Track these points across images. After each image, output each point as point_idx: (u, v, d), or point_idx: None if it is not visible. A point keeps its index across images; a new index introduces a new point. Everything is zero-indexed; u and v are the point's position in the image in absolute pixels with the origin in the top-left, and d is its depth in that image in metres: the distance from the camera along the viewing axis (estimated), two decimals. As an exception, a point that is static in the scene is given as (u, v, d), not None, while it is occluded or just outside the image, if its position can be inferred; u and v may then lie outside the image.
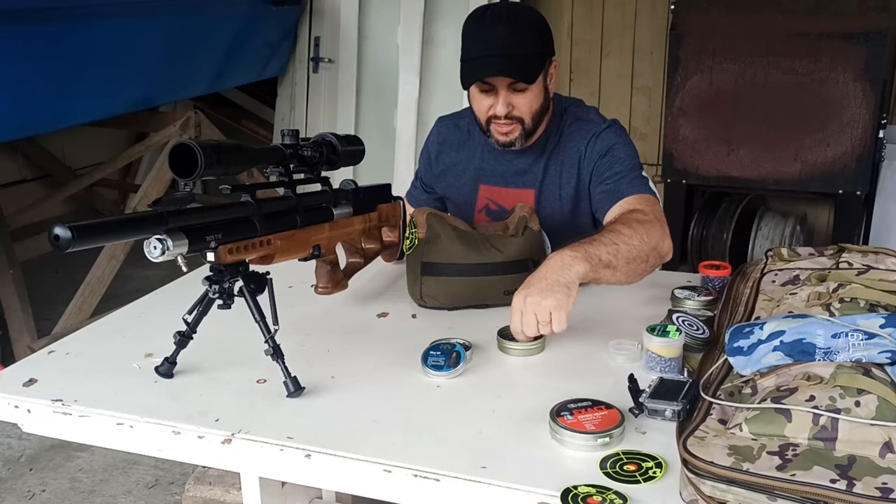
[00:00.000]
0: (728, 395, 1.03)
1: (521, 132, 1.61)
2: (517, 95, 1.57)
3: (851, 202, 3.16)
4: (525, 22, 1.56)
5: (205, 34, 3.66)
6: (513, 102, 1.58)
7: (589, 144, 1.66)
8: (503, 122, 1.59)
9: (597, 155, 1.65)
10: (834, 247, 1.38)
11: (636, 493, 0.90)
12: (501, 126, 1.60)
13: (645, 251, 1.38)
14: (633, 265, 1.36)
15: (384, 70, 4.19)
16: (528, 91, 1.58)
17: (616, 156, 1.63)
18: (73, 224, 0.91)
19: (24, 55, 2.75)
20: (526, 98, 1.58)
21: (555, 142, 1.70)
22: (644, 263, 1.39)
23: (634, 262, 1.37)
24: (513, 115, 1.59)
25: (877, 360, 0.98)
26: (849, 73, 3.03)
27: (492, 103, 1.59)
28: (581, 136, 1.67)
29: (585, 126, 1.68)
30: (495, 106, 1.58)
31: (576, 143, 1.68)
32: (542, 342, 1.30)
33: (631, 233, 1.38)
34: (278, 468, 1.05)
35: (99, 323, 1.51)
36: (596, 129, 1.67)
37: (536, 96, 1.59)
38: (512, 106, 1.58)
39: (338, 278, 1.43)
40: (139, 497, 2.45)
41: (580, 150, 1.67)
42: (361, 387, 1.19)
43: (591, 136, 1.66)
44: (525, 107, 1.59)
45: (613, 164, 1.62)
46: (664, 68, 3.57)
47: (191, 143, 1.03)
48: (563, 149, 1.69)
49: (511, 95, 1.57)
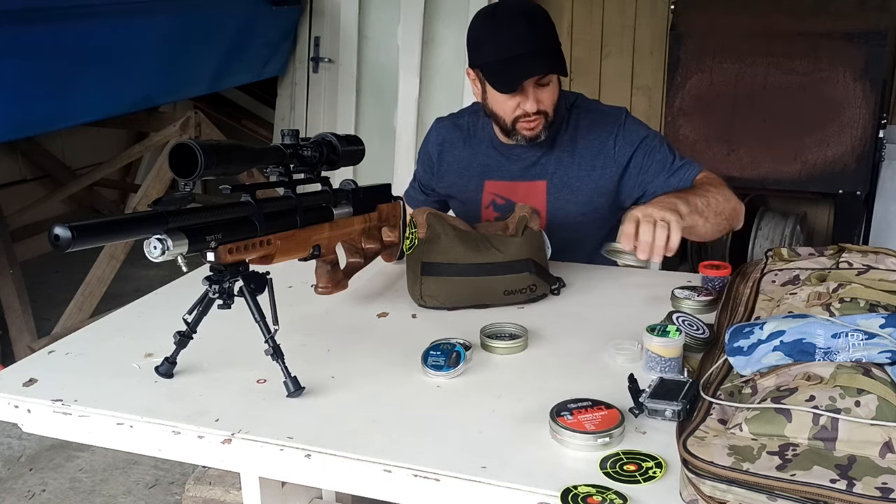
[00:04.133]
0: (728, 395, 1.03)
1: (545, 124, 1.64)
2: (542, 90, 1.60)
3: (851, 202, 3.16)
4: (538, 16, 1.59)
5: (205, 34, 3.67)
6: (539, 97, 1.60)
7: (617, 137, 1.69)
8: (531, 119, 1.61)
9: (630, 147, 1.68)
10: (834, 247, 1.38)
11: (636, 493, 0.90)
12: (529, 122, 1.62)
13: (728, 210, 1.54)
14: (718, 219, 1.52)
15: (384, 70, 4.19)
16: (552, 84, 1.61)
17: (651, 145, 1.69)
18: (73, 224, 0.91)
19: (24, 55, 2.75)
20: (550, 91, 1.62)
21: (566, 134, 1.71)
22: (726, 221, 1.53)
23: (720, 217, 1.52)
24: (539, 110, 1.61)
25: (877, 360, 0.98)
26: (849, 73, 3.04)
27: (518, 102, 1.60)
28: (601, 129, 1.69)
29: (602, 119, 1.71)
30: (524, 104, 1.60)
31: (596, 135, 1.70)
32: (525, 340, 1.30)
33: (716, 192, 1.54)
34: (278, 468, 1.05)
35: (99, 323, 1.50)
36: (615, 120, 1.70)
37: (556, 88, 1.63)
38: (539, 101, 1.60)
39: (338, 278, 1.42)
40: (139, 497, 2.45)
41: (605, 143, 1.69)
42: (361, 387, 1.19)
43: (618, 129, 1.69)
44: (549, 100, 1.62)
45: (653, 154, 1.67)
46: (664, 68, 3.57)
47: (191, 143, 1.03)
48: (581, 140, 1.70)
49: (537, 91, 1.59)
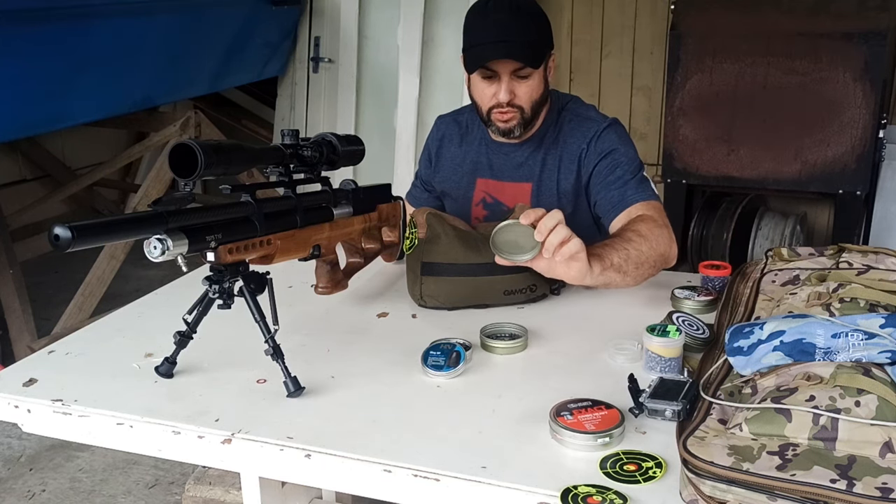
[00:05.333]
0: (728, 395, 1.03)
1: (520, 120, 1.63)
2: (519, 83, 1.59)
3: (851, 202, 3.16)
4: (527, 12, 1.59)
5: (205, 34, 3.67)
6: (514, 90, 1.59)
7: (590, 143, 1.66)
8: (504, 110, 1.61)
9: (597, 155, 1.65)
10: (834, 247, 1.38)
11: (636, 493, 0.90)
12: (502, 114, 1.62)
13: (654, 257, 1.43)
14: (641, 270, 1.41)
15: (384, 70, 4.19)
16: (530, 79, 1.60)
17: (618, 159, 1.63)
18: (73, 224, 0.91)
19: (24, 55, 2.75)
20: (527, 86, 1.60)
21: (553, 136, 1.71)
22: (652, 269, 1.43)
23: (643, 267, 1.41)
24: (514, 104, 1.61)
25: (877, 360, 0.98)
26: (849, 73, 3.03)
27: (494, 91, 1.60)
28: (582, 134, 1.68)
29: (585, 124, 1.69)
30: (498, 93, 1.59)
31: (576, 139, 1.68)
32: (524, 340, 1.31)
33: (641, 239, 1.43)
34: (278, 468, 1.05)
35: (99, 323, 1.50)
36: (597, 127, 1.67)
37: (537, 86, 1.61)
38: (513, 94, 1.60)
39: (338, 278, 1.42)
40: (139, 497, 2.45)
41: (581, 147, 1.67)
42: (361, 387, 1.19)
43: (593, 136, 1.66)
44: (526, 95, 1.61)
45: (615, 168, 1.63)
46: (664, 68, 3.57)
47: (191, 143, 1.03)
48: (563, 144, 1.70)
49: (513, 83, 1.59)
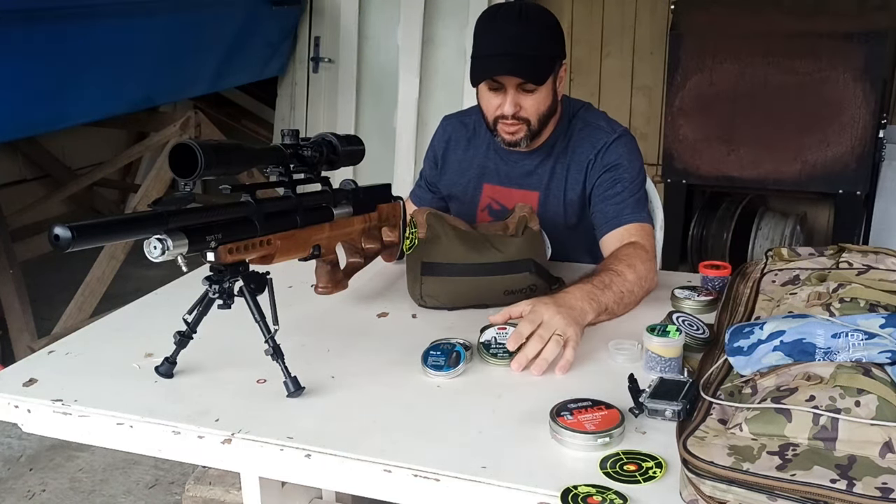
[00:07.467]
0: (728, 395, 1.03)
1: (527, 133, 1.62)
2: (525, 96, 1.58)
3: (851, 202, 3.16)
4: (537, 22, 1.57)
5: (205, 34, 3.67)
6: (520, 103, 1.58)
7: (598, 154, 1.66)
8: (510, 122, 1.60)
9: (602, 167, 1.65)
10: (834, 247, 1.38)
11: (636, 493, 0.90)
12: (508, 126, 1.61)
13: (639, 293, 1.47)
14: (627, 307, 1.45)
15: (384, 70, 4.19)
16: (537, 92, 1.58)
17: (621, 175, 1.63)
18: (73, 224, 0.91)
19: (24, 55, 2.75)
20: (534, 99, 1.58)
21: (563, 145, 1.69)
22: (635, 304, 1.46)
23: (629, 305, 1.45)
24: (519, 116, 1.59)
25: (877, 360, 0.98)
26: (849, 73, 3.03)
27: (500, 102, 1.59)
28: (591, 144, 1.67)
29: (595, 134, 1.68)
30: (503, 105, 1.58)
31: (585, 149, 1.67)
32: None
33: (635, 278, 1.45)
34: (278, 468, 1.05)
35: (99, 323, 1.50)
36: (606, 138, 1.66)
37: (545, 98, 1.60)
38: (519, 106, 1.58)
39: (338, 278, 1.42)
40: (139, 497, 2.45)
41: (588, 157, 1.67)
42: (361, 387, 1.19)
43: (602, 147, 1.66)
44: (532, 108, 1.59)
45: (616, 184, 1.62)
46: (664, 68, 3.57)
47: (191, 143, 1.03)
48: (572, 153, 1.69)
49: (519, 96, 1.57)
